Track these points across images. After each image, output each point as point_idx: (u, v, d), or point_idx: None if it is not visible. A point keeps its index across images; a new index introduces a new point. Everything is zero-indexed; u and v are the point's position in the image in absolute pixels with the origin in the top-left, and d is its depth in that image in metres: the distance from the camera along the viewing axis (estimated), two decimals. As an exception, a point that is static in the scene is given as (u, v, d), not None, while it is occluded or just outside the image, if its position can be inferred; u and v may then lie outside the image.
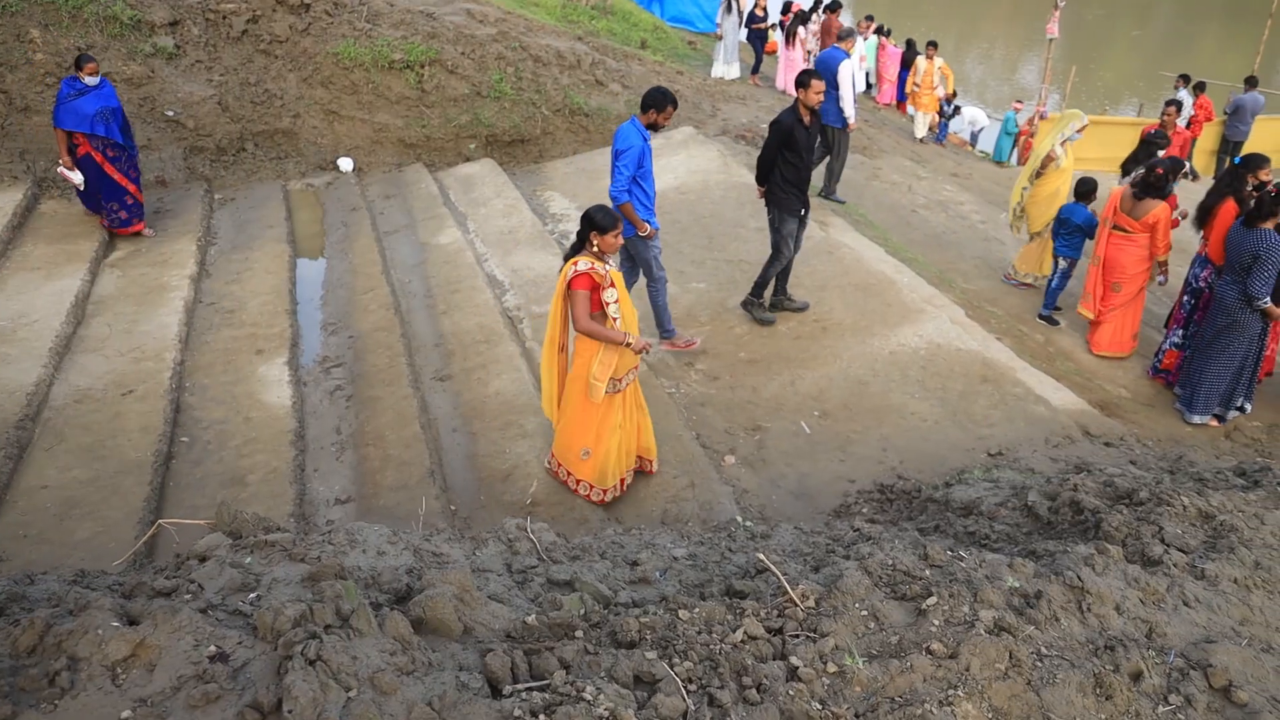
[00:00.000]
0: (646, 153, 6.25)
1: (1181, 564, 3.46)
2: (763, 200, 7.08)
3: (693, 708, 2.35)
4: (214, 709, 2.11)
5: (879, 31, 16.78)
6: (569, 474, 5.15)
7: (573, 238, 8.91)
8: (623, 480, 5.18)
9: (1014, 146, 14.60)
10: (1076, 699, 2.59)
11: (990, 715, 2.49)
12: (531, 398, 6.08)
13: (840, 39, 10.23)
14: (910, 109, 15.56)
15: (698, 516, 5.08)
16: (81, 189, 8.05)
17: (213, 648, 2.27)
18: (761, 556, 3.23)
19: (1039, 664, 2.69)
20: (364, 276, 8.01)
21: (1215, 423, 6.43)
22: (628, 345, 4.79)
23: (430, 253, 8.56)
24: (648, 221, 6.34)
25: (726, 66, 15.46)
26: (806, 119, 6.72)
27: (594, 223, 4.70)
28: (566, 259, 4.88)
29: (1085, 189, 7.77)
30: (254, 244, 8.47)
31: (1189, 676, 2.80)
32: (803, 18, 15.26)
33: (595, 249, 4.74)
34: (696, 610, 2.81)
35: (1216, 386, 6.31)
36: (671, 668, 2.50)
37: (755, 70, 16.38)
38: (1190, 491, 4.14)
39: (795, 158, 6.71)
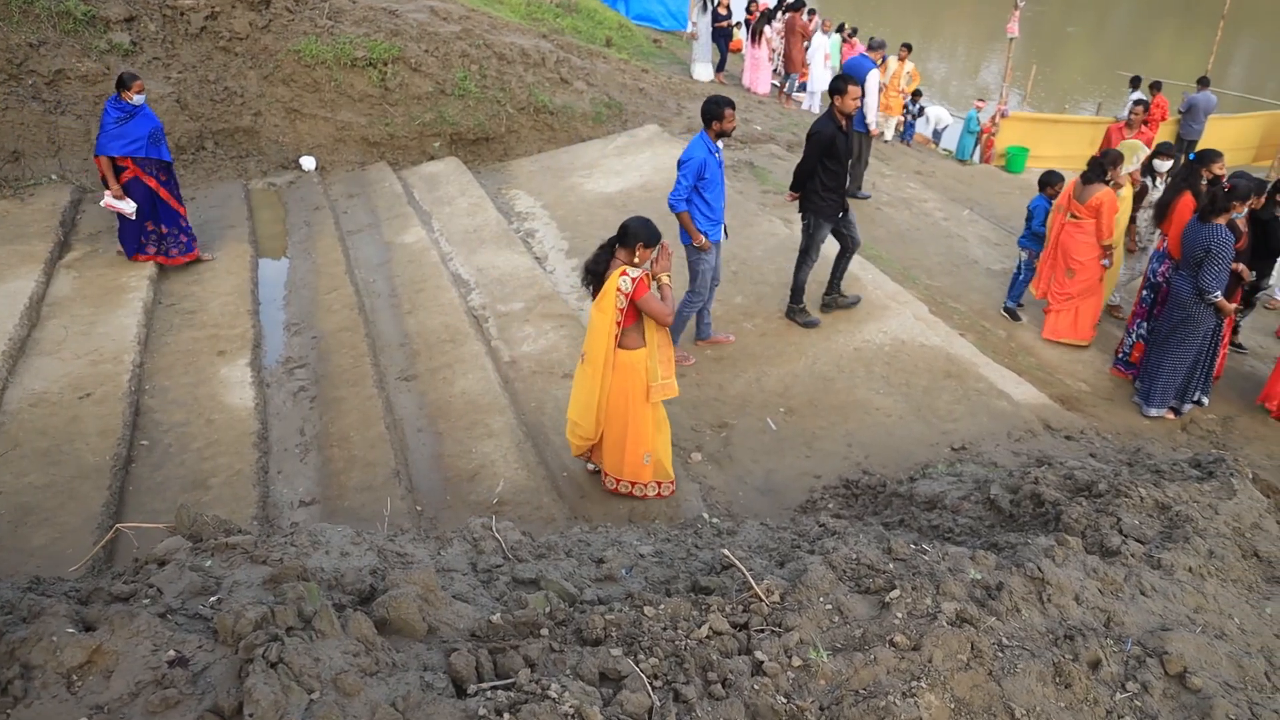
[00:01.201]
0: (710, 164, 6.12)
1: (1139, 554, 3.53)
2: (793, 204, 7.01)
3: (658, 704, 2.36)
4: (173, 714, 2.08)
5: (840, 30, 16.89)
6: (633, 484, 5.12)
7: (539, 237, 8.95)
8: None
9: (976, 144, 14.78)
10: (1037, 688, 2.63)
11: (953, 706, 2.52)
12: (497, 396, 6.06)
13: (871, 49, 10.45)
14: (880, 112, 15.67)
15: (664, 514, 5.09)
16: (132, 218, 7.45)
17: (172, 652, 2.23)
18: (727, 552, 3.25)
19: (1000, 654, 2.73)
20: (327, 276, 7.93)
21: (1172, 415, 6.55)
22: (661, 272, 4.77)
23: (395, 252, 8.50)
24: (706, 234, 6.27)
25: (704, 66, 15.50)
26: (845, 125, 6.63)
27: (637, 236, 4.64)
28: (592, 270, 4.81)
29: (1049, 180, 7.91)
30: (215, 244, 8.35)
31: (1145, 664, 2.86)
32: (768, 16, 15.32)
33: (635, 259, 4.67)
34: (662, 607, 2.81)
35: (1173, 380, 6.42)
36: (637, 664, 2.51)
37: (720, 68, 16.43)
38: (1147, 483, 4.21)
39: (836, 165, 6.63)
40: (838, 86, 6.58)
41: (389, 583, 2.76)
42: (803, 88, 15.62)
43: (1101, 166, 7.08)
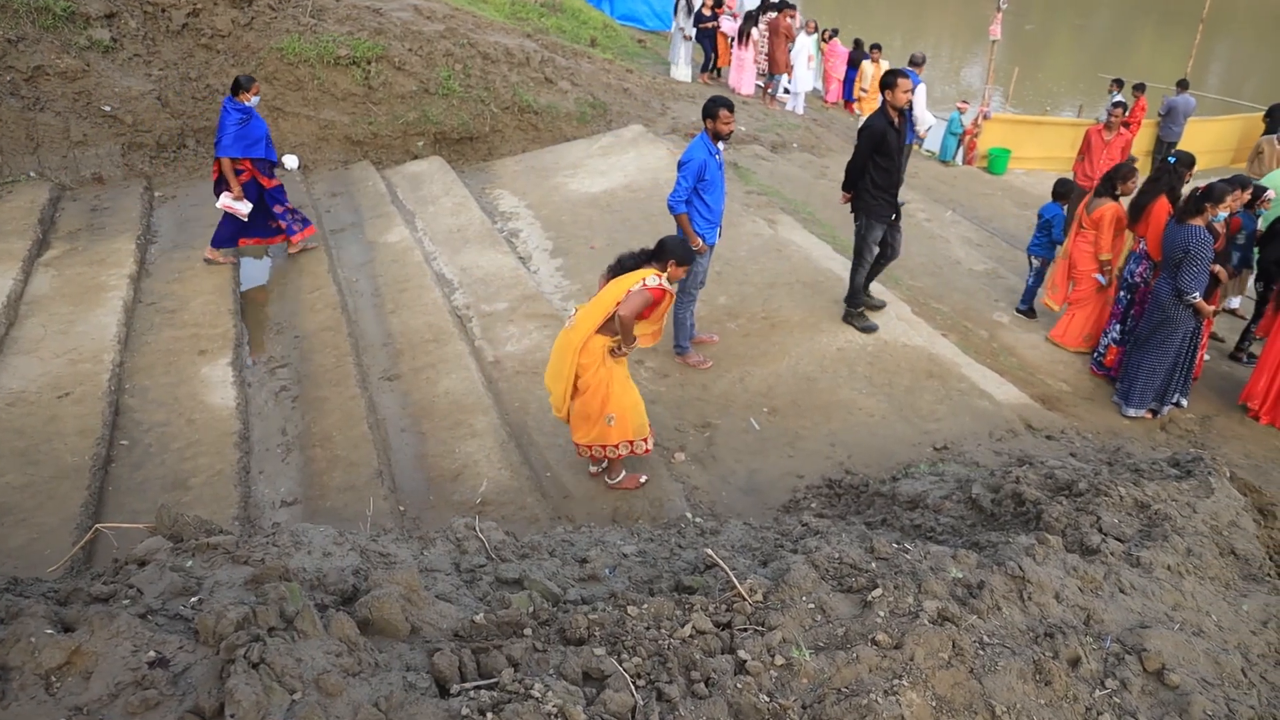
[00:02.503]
0: (710, 165, 6.07)
1: (1118, 552, 3.56)
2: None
3: (641, 703, 2.36)
4: (153, 715, 2.06)
5: (816, 28, 16.92)
6: (604, 449, 5.13)
7: (524, 236, 8.94)
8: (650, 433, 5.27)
9: (959, 146, 14.86)
10: (1017, 685, 2.65)
11: (934, 704, 2.54)
12: (480, 396, 6.04)
13: (913, 63, 10.62)
14: (857, 111, 15.74)
15: (648, 514, 5.09)
16: (245, 219, 7.71)
17: (152, 653, 2.22)
18: (710, 552, 3.25)
19: (981, 652, 2.75)
20: (310, 275, 7.89)
21: (1150, 416, 6.61)
22: (623, 353, 5.05)
23: (378, 251, 8.46)
24: (703, 236, 6.24)
25: (683, 68, 15.51)
26: (896, 120, 6.51)
27: (673, 253, 4.92)
28: (616, 273, 4.98)
29: (1062, 190, 8.03)
30: (196, 242, 8.28)
31: (1124, 661, 2.88)
32: (754, 18, 15.35)
33: (666, 273, 4.93)
34: (645, 606, 2.82)
35: (1152, 381, 6.48)
36: (620, 664, 2.51)
37: (705, 69, 16.45)
38: (1127, 482, 4.25)
39: (887, 162, 6.49)
40: (888, 80, 6.42)
41: (372, 583, 2.75)
42: (788, 88, 15.66)
43: (1112, 181, 7.11)
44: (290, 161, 10.52)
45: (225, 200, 7.58)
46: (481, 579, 3.20)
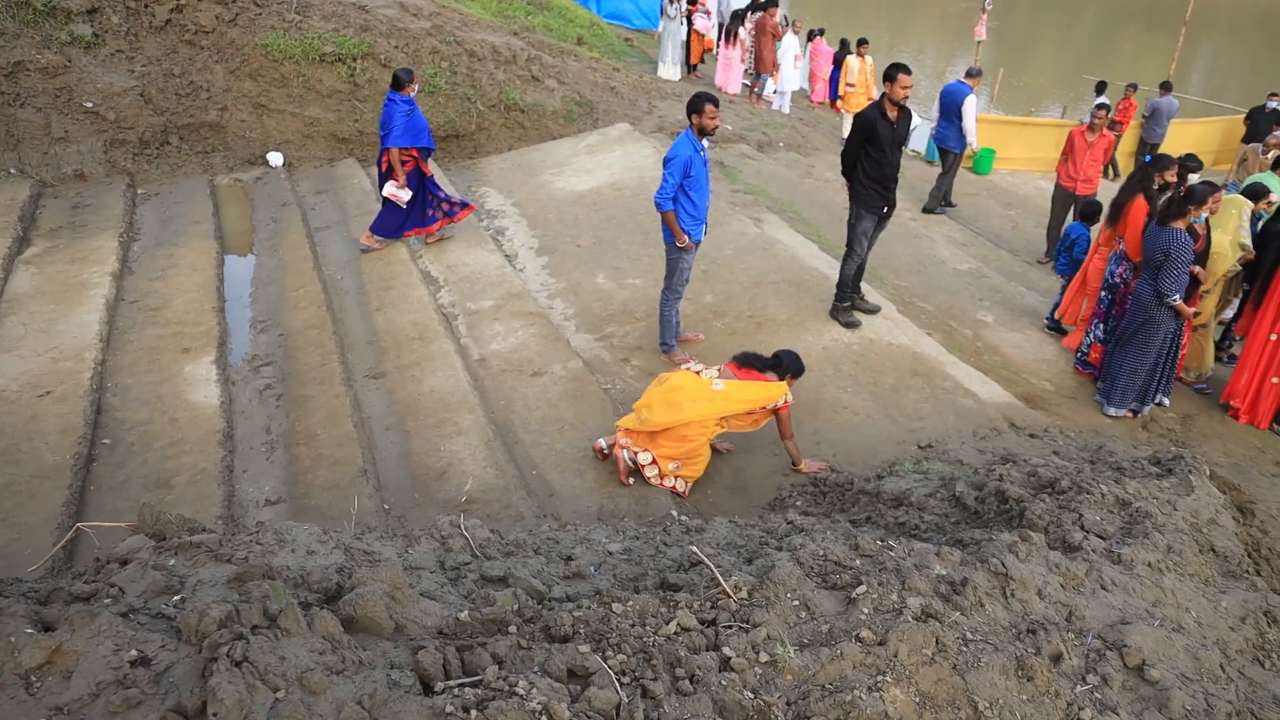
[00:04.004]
0: (695, 162, 6.07)
1: (1100, 549, 3.59)
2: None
3: (626, 700, 2.36)
4: (135, 714, 2.05)
5: (792, 26, 16.93)
6: (654, 465, 5.27)
7: (509, 234, 8.93)
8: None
9: (944, 146, 14.91)
10: (1000, 681, 2.67)
11: (917, 700, 2.55)
12: (466, 395, 6.03)
13: (969, 75, 11.02)
14: (843, 110, 15.78)
15: (634, 511, 5.10)
16: (404, 206, 8.02)
17: (134, 652, 2.20)
18: (695, 549, 3.26)
19: (964, 648, 2.76)
20: (295, 273, 7.85)
21: (1131, 415, 6.66)
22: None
23: (363, 249, 8.43)
24: (689, 233, 6.24)
25: (670, 66, 15.51)
26: (892, 114, 6.50)
27: (793, 370, 5.55)
28: (742, 363, 5.53)
29: (1090, 210, 8.10)
30: (179, 240, 8.24)
31: (1105, 657, 2.91)
32: (741, 17, 15.37)
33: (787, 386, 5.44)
34: (630, 603, 2.82)
35: (1134, 381, 6.53)
36: (605, 661, 2.51)
37: (691, 69, 16.46)
38: (1109, 480, 4.28)
39: (878, 153, 6.52)
40: (888, 73, 6.45)
41: (356, 581, 2.74)
42: (774, 87, 15.68)
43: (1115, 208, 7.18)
44: (274, 159, 10.49)
45: (390, 188, 7.90)
46: (466, 577, 3.20)
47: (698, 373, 5.40)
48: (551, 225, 8.98)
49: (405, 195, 7.95)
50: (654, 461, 5.24)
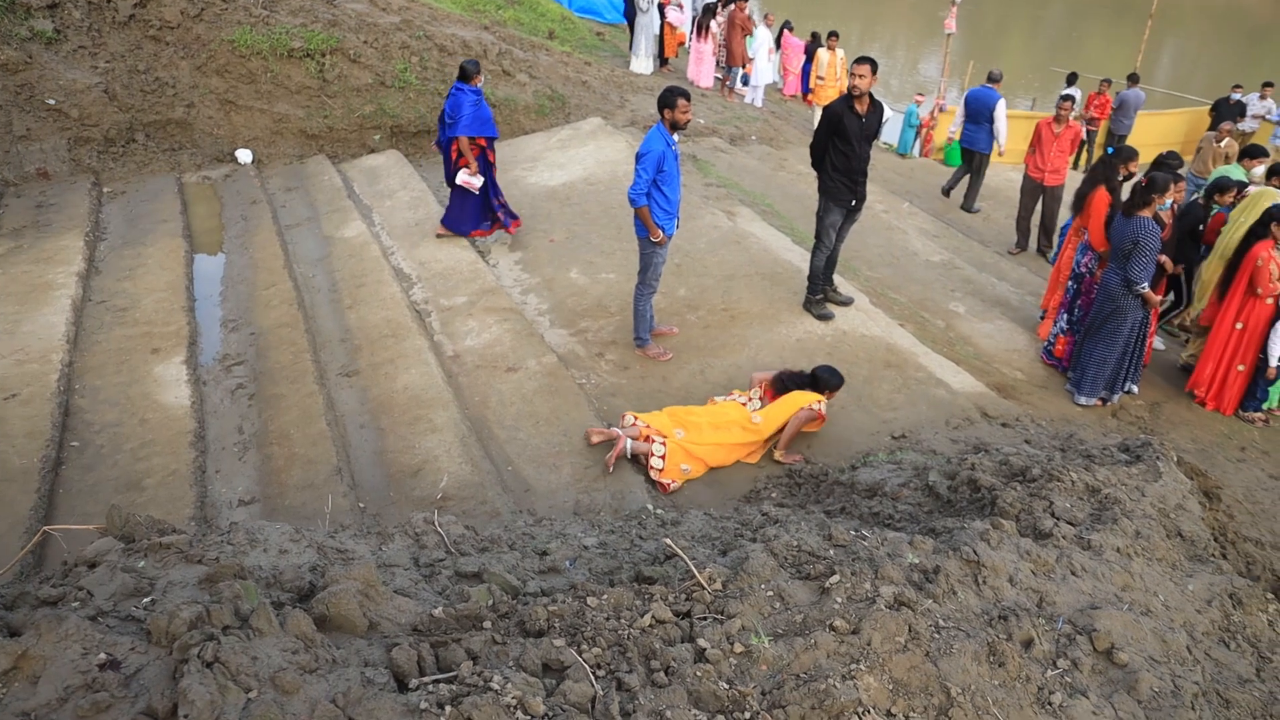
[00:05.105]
0: (668, 157, 6.07)
1: (1070, 536, 3.63)
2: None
3: (601, 693, 2.37)
4: (105, 718, 2.03)
5: (765, 19, 16.98)
6: (655, 454, 5.45)
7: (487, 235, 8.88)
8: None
9: (916, 138, 15.00)
10: (972, 667, 2.70)
11: (891, 687, 2.58)
12: (440, 391, 6.00)
13: (991, 80, 11.45)
14: (814, 104, 15.84)
15: (610, 506, 5.10)
16: (477, 194, 8.17)
17: (103, 655, 2.18)
18: (669, 542, 3.27)
19: (937, 635, 2.79)
20: (265, 271, 7.77)
21: (1101, 404, 6.74)
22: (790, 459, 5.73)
23: (334, 246, 8.36)
24: (663, 228, 6.25)
25: (643, 60, 15.48)
26: (860, 108, 6.51)
27: (830, 385, 5.88)
28: (777, 384, 5.87)
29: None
30: (147, 239, 8.13)
31: (1075, 641, 2.95)
32: (712, 10, 15.38)
33: (824, 399, 5.80)
34: (605, 597, 2.82)
35: (1103, 370, 6.61)
36: (580, 654, 2.51)
37: (664, 62, 16.44)
38: (1079, 468, 4.34)
39: (845, 146, 6.55)
40: (851, 68, 6.52)
41: (329, 579, 2.73)
42: (746, 80, 15.71)
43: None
44: (243, 156, 10.37)
45: (464, 175, 8.05)
46: (441, 573, 3.19)
47: (743, 404, 5.80)
48: (524, 220, 8.94)
49: (477, 182, 8.08)
50: (665, 456, 5.42)
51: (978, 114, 11.25)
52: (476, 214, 8.36)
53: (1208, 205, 7.52)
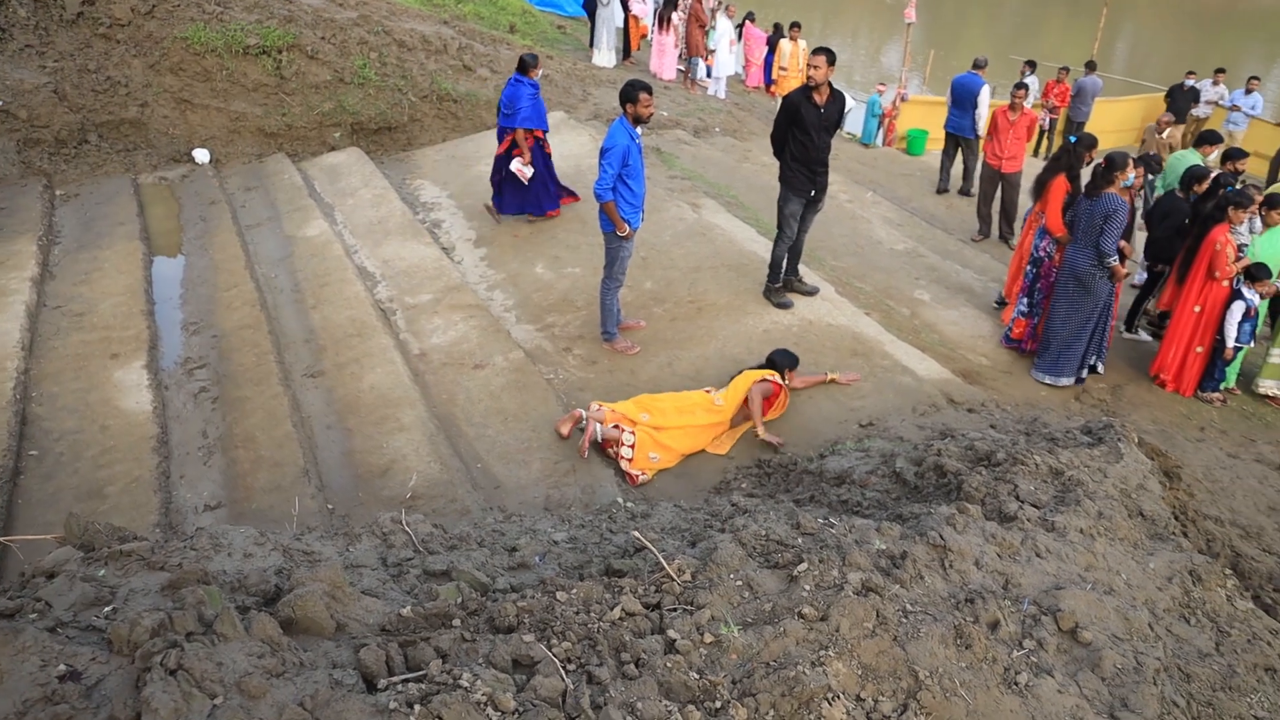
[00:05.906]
0: (632, 150, 6.09)
1: (1034, 518, 3.68)
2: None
3: (571, 687, 2.37)
4: (65, 730, 2.00)
5: (726, 10, 16.99)
6: (632, 444, 5.49)
7: (446, 227, 8.83)
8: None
9: (879, 128, 15.10)
10: (939, 650, 2.73)
11: (860, 672, 2.60)
12: (407, 390, 5.96)
13: (976, 66, 11.51)
14: (776, 95, 15.88)
15: (580, 500, 5.09)
16: (526, 182, 8.42)
17: (63, 667, 2.15)
18: (637, 534, 3.27)
19: (904, 620, 2.82)
20: (226, 273, 7.67)
21: (1072, 384, 6.83)
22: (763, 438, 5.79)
23: (296, 245, 8.26)
24: (628, 222, 6.24)
25: (605, 53, 15.43)
26: (818, 99, 6.51)
27: (776, 365, 6.04)
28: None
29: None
30: (103, 242, 7.99)
31: (1041, 622, 2.99)
32: (674, 2, 15.36)
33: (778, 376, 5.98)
34: (574, 591, 2.82)
35: (1075, 349, 6.70)
36: (550, 649, 2.51)
37: (626, 55, 16.41)
38: (1043, 451, 4.40)
39: (804, 136, 6.56)
40: (808, 59, 6.56)
41: (295, 582, 2.70)
42: (708, 72, 15.71)
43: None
44: (200, 155, 10.22)
45: (516, 164, 8.31)
46: (409, 572, 3.17)
47: (707, 391, 5.92)
48: (488, 217, 8.89)
49: (529, 172, 8.33)
50: (635, 445, 5.46)
51: (963, 100, 11.31)
52: (526, 199, 8.61)
53: (1186, 197, 7.58)
